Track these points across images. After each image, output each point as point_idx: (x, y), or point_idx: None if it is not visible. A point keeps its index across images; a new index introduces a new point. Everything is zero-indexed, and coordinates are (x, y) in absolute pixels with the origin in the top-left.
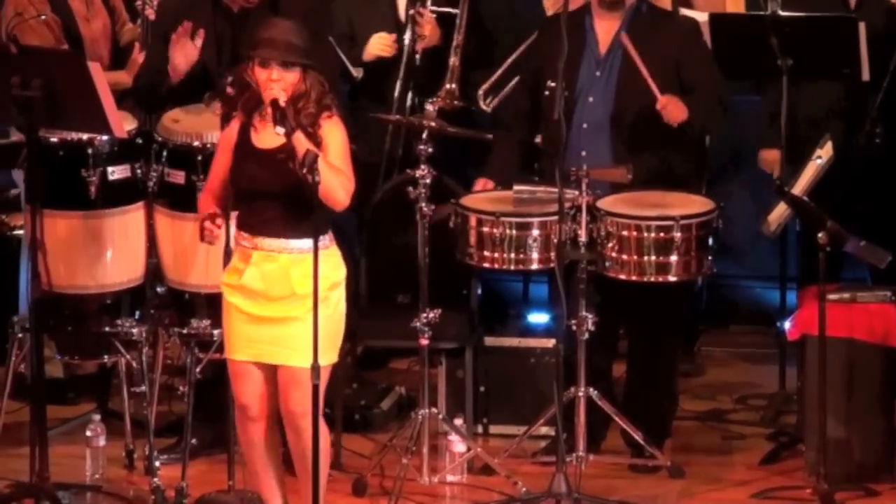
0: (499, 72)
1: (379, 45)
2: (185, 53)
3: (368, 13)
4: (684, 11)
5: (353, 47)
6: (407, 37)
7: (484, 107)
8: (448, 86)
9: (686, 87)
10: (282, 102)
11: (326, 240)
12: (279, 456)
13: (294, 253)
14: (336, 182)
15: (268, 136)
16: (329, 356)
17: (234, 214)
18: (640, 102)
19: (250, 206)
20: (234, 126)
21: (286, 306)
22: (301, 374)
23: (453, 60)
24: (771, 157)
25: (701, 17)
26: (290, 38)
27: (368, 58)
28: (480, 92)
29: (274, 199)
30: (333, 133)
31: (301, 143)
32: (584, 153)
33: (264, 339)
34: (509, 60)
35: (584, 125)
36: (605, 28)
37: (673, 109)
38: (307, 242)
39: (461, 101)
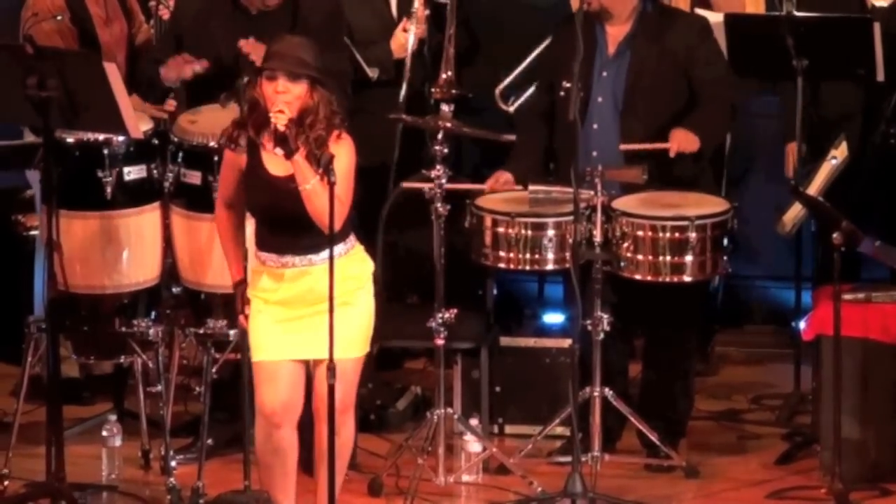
0: (517, 71)
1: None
2: (179, 73)
3: (363, 13)
4: (700, 11)
5: (359, 49)
6: (411, 34)
7: (505, 107)
8: (444, 75)
9: (695, 87)
10: (281, 127)
11: (351, 241)
12: (296, 460)
13: (326, 262)
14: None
15: (280, 162)
16: (363, 347)
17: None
18: (648, 103)
19: (272, 229)
20: (243, 150)
21: (321, 303)
22: (343, 366)
23: (448, 49)
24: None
25: (714, 17)
26: (297, 53)
27: (399, 54)
28: (498, 92)
29: (295, 222)
30: (340, 155)
31: (300, 165)
32: (595, 153)
33: (301, 335)
34: (528, 59)
35: (595, 126)
36: (615, 30)
37: (685, 145)
38: (335, 249)
39: (459, 90)
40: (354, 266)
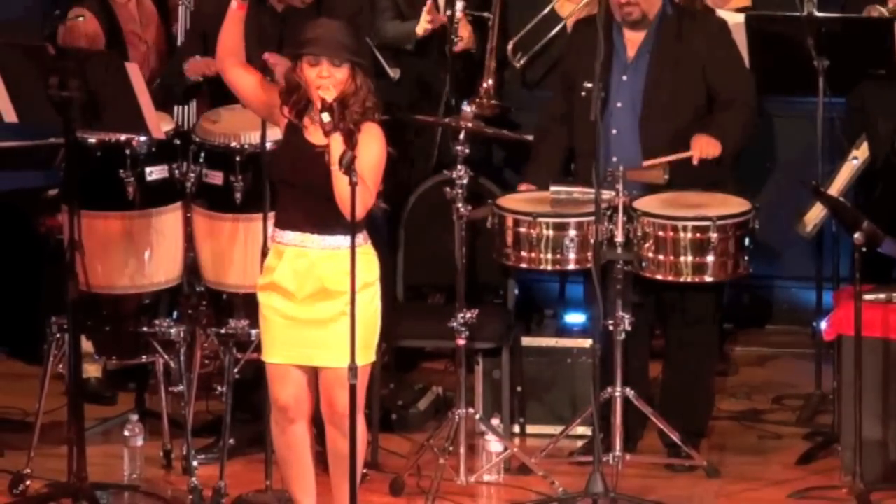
0: (528, 26)
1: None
2: (204, 69)
3: None
4: (720, 12)
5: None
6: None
7: (514, 63)
8: (485, 83)
9: (715, 91)
10: (329, 99)
11: (360, 238)
12: (313, 456)
13: (326, 249)
14: (355, 194)
15: (317, 134)
16: (366, 356)
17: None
18: (668, 108)
19: (286, 200)
20: (276, 85)
21: (319, 308)
22: (346, 374)
23: (489, 63)
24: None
25: (733, 18)
26: (338, 36)
27: (422, 33)
28: (510, 47)
29: (310, 194)
30: (372, 141)
31: (337, 143)
32: (614, 158)
33: (302, 341)
34: (539, 16)
35: (614, 131)
36: (633, 35)
37: (707, 151)
38: (338, 240)
39: (499, 102)
40: (358, 263)
